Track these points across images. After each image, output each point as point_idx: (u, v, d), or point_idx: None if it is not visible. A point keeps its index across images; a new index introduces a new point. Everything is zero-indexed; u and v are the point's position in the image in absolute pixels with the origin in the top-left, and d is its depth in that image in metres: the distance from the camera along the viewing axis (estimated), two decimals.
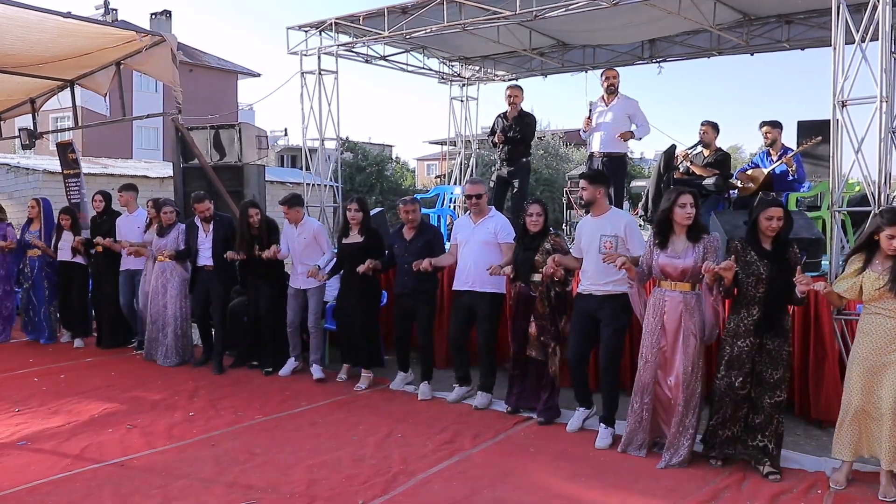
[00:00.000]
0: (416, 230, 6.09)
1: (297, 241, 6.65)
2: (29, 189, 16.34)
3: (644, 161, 36.70)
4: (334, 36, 9.16)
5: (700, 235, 4.53)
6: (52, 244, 8.03)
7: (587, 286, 5.02)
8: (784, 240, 4.37)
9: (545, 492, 4.14)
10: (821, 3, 7.16)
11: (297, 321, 6.70)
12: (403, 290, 6.06)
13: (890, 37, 5.14)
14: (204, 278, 7.00)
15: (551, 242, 5.36)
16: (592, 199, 5.05)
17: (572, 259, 5.23)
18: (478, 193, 5.84)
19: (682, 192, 4.60)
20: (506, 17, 7.64)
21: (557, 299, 5.24)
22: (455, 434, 5.08)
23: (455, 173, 11.43)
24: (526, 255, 5.39)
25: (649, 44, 9.89)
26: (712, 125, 7.42)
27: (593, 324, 4.98)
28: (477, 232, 5.81)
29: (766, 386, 4.33)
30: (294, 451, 4.76)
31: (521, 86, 8.23)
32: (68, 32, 6.96)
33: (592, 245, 4.99)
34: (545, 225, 5.42)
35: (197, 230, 7.05)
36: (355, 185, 27.02)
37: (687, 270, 4.50)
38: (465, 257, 5.80)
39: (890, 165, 5.23)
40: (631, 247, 4.91)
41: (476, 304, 5.72)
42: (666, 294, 4.57)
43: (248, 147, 9.10)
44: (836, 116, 5.27)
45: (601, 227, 4.98)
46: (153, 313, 7.16)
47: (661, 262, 4.57)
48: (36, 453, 4.74)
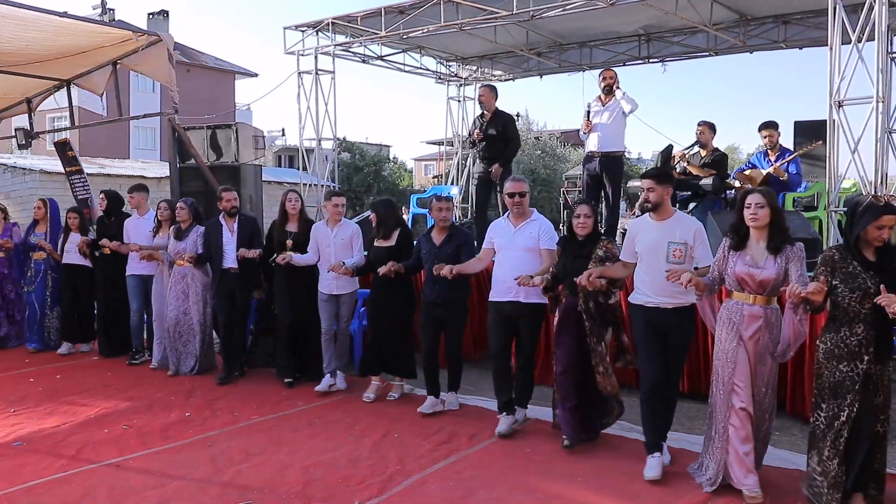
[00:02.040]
0: (447, 234, 5.60)
1: (333, 243, 6.14)
2: (25, 189, 16.31)
3: (641, 161, 36.74)
4: (331, 36, 9.18)
5: (782, 245, 3.97)
6: (59, 246, 7.74)
7: (652, 297, 4.42)
8: (892, 248, 3.76)
9: (541, 492, 4.13)
10: (817, 4, 7.19)
11: (333, 329, 6.26)
12: (434, 298, 5.55)
13: (886, 37, 5.17)
14: (229, 282, 6.60)
15: (604, 249, 4.81)
16: (660, 200, 4.45)
17: (619, 268, 4.66)
18: (521, 191, 5.22)
19: (750, 191, 4.12)
20: (503, 17, 7.66)
21: (597, 309, 4.74)
22: (451, 434, 5.08)
23: (452, 173, 11.43)
24: (576, 263, 4.79)
25: (647, 43, 9.91)
26: (709, 125, 7.42)
27: (664, 341, 4.42)
28: (518, 237, 5.21)
29: (872, 411, 3.74)
30: (290, 451, 4.75)
31: (495, 86, 8.17)
32: (65, 31, 6.95)
33: (658, 252, 4.39)
34: (594, 228, 4.89)
35: (221, 229, 6.64)
36: (352, 185, 27.04)
37: (767, 283, 3.97)
38: (505, 265, 5.20)
39: (886, 165, 5.25)
40: (697, 255, 4.41)
41: (519, 315, 5.15)
42: (744, 308, 4.04)
43: (245, 147, 9.07)
44: (833, 116, 5.28)
45: (668, 233, 4.40)
46: (173, 320, 6.75)
47: (738, 270, 4.04)
48: (32, 454, 4.72)
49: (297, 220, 6.43)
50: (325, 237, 6.18)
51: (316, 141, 9.51)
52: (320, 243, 6.22)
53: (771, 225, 3.98)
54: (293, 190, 6.70)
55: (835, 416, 3.74)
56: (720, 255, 4.17)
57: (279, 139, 36.21)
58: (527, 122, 32.39)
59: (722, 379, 4.12)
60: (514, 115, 8.35)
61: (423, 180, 40.46)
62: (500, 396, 5.25)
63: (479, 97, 7.94)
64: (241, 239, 6.58)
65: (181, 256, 6.74)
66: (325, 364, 6.27)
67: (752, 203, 3.97)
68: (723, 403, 4.11)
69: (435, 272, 5.29)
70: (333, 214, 6.20)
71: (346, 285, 6.19)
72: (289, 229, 6.40)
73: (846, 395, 3.72)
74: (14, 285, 8.05)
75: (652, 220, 4.52)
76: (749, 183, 7.11)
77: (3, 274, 8.03)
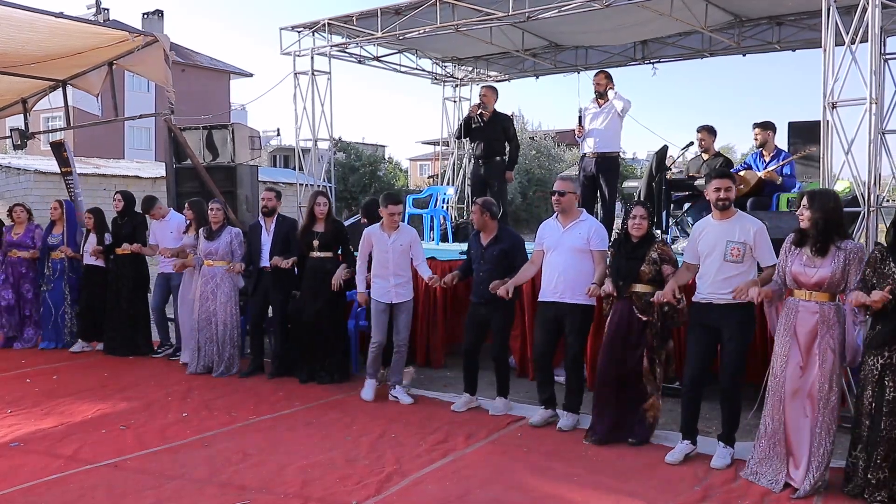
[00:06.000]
0: (494, 235, 5.58)
1: (391, 249, 5.87)
2: (20, 189, 16.29)
3: (636, 161, 36.82)
4: (327, 37, 9.16)
5: (833, 244, 4.02)
6: (81, 246, 7.87)
7: (706, 294, 4.48)
8: None
9: (538, 491, 4.16)
10: (811, 6, 7.20)
11: (385, 341, 6.01)
12: (479, 299, 5.57)
13: (879, 39, 5.19)
14: (265, 282, 6.68)
15: (658, 251, 4.82)
16: (733, 198, 4.56)
17: (684, 272, 4.73)
18: (561, 190, 5.21)
19: (803, 193, 4.19)
20: (498, 19, 7.66)
21: (666, 318, 4.78)
22: (448, 434, 5.10)
23: (448, 174, 11.45)
24: (630, 264, 4.83)
25: (642, 45, 9.93)
26: (708, 130, 7.49)
27: (714, 339, 4.50)
28: (566, 237, 5.20)
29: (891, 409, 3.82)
30: (288, 451, 4.77)
31: (496, 88, 8.28)
32: (60, 32, 6.95)
33: (716, 250, 4.46)
34: (649, 230, 4.90)
35: (260, 230, 6.71)
36: (348, 185, 27.05)
37: (823, 281, 4.03)
38: (554, 265, 5.20)
39: (879, 166, 5.27)
40: (759, 255, 4.44)
41: (565, 316, 5.14)
42: (800, 304, 4.12)
43: (241, 147, 9.07)
44: (827, 118, 5.31)
45: (728, 231, 4.46)
46: (201, 321, 6.75)
47: (794, 270, 4.13)
48: (29, 454, 4.72)
49: (324, 221, 6.44)
50: (383, 243, 5.90)
51: (312, 142, 9.51)
52: (377, 249, 5.93)
53: (815, 227, 4.04)
54: (322, 192, 6.65)
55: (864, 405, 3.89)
56: (783, 255, 4.23)
57: (274, 139, 36.17)
58: (522, 121, 32.46)
59: (776, 373, 4.21)
60: (510, 115, 8.42)
61: (419, 180, 40.44)
62: (541, 392, 5.40)
63: (482, 96, 8.00)
64: (276, 239, 6.63)
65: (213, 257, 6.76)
66: (368, 372, 6.07)
67: (801, 204, 4.10)
68: (776, 398, 4.19)
69: (491, 290, 5.31)
70: (390, 223, 5.89)
71: (404, 293, 5.96)
72: (316, 230, 6.42)
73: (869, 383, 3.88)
74: (32, 285, 8.11)
75: (713, 220, 4.59)
76: (743, 183, 7.14)
77: (21, 273, 8.08)
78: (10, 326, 8.06)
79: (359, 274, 6.07)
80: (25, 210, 8.27)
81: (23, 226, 8.16)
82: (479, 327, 5.65)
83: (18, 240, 8.07)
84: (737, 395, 4.51)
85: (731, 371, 4.45)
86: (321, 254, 6.43)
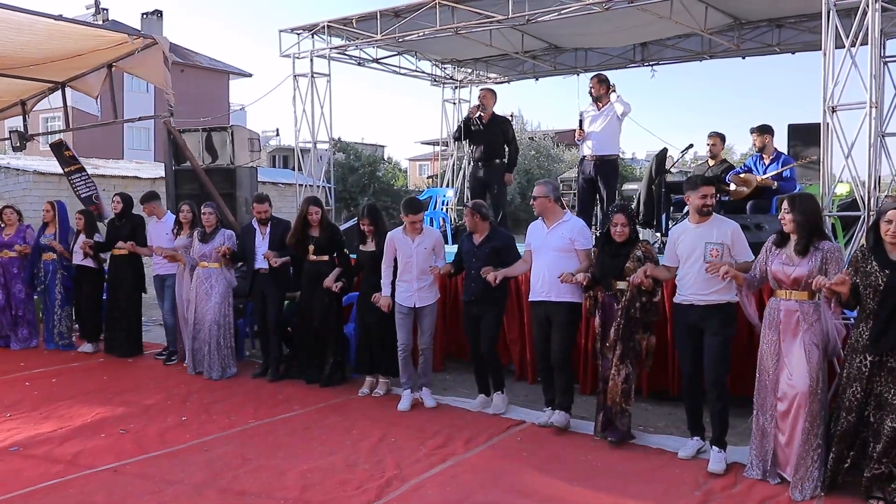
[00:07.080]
0: (486, 235, 5.67)
1: (415, 252, 5.81)
2: (19, 190, 16.28)
3: (635, 161, 36.85)
4: (327, 39, 9.15)
5: (812, 244, 4.16)
6: (71, 247, 7.88)
7: (688, 296, 4.64)
8: None
9: (538, 496, 4.15)
10: (811, 8, 7.21)
11: (411, 344, 5.94)
12: (469, 297, 5.67)
13: (879, 42, 5.19)
14: (260, 282, 6.73)
15: (642, 250, 4.94)
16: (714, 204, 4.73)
17: (663, 270, 4.88)
18: (534, 195, 5.38)
19: (783, 198, 4.39)
20: (498, 21, 7.66)
21: (641, 311, 4.89)
22: (448, 438, 5.09)
23: (447, 175, 11.45)
24: (614, 262, 4.96)
25: (641, 47, 9.94)
26: (720, 136, 7.59)
27: (699, 338, 4.63)
28: (550, 238, 5.32)
29: (889, 408, 3.90)
30: (287, 455, 4.76)
31: (495, 90, 8.32)
32: (59, 34, 6.93)
33: (695, 252, 4.60)
34: (632, 233, 5.00)
35: (254, 233, 6.79)
36: (347, 185, 27.04)
37: (800, 279, 4.17)
38: (539, 266, 5.33)
39: (879, 168, 5.28)
40: (736, 253, 4.58)
41: (552, 314, 5.27)
42: (781, 303, 4.27)
43: (241, 149, 9.07)
44: (826, 121, 5.31)
45: (706, 234, 4.59)
46: (196, 322, 6.79)
47: (774, 269, 4.28)
48: (28, 459, 4.72)
49: (318, 226, 6.47)
50: (407, 247, 5.85)
51: (311, 143, 9.51)
52: (401, 253, 5.88)
53: (801, 228, 4.18)
54: (315, 200, 6.56)
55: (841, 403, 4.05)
56: (763, 254, 4.40)
57: (273, 139, 36.18)
58: (521, 122, 32.47)
59: (763, 371, 4.34)
60: (508, 118, 8.45)
61: (418, 180, 40.45)
62: (546, 394, 5.49)
63: (481, 99, 8.04)
64: (272, 241, 6.68)
65: (206, 259, 6.77)
66: (402, 380, 5.98)
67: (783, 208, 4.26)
68: (764, 395, 4.32)
69: (483, 275, 5.39)
70: (412, 229, 5.85)
71: (428, 297, 5.90)
72: (311, 234, 6.46)
73: (855, 384, 4.00)
74: (24, 285, 8.11)
75: (690, 224, 4.76)
76: (744, 185, 7.14)
77: (13, 274, 8.09)
78: (1, 326, 8.07)
79: (384, 278, 5.99)
80: (15, 212, 8.27)
81: (13, 227, 8.16)
82: (477, 327, 5.70)
83: (9, 241, 8.08)
84: (723, 391, 4.59)
85: (714, 364, 4.55)
86: (317, 258, 6.46)
